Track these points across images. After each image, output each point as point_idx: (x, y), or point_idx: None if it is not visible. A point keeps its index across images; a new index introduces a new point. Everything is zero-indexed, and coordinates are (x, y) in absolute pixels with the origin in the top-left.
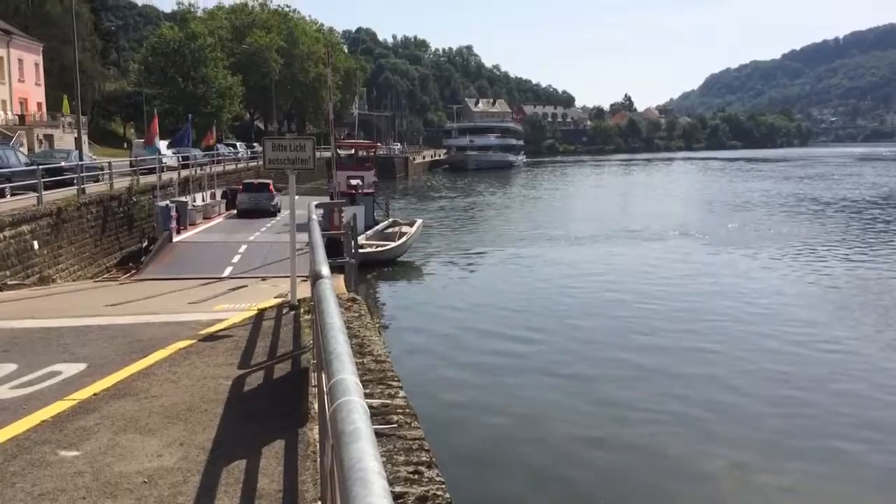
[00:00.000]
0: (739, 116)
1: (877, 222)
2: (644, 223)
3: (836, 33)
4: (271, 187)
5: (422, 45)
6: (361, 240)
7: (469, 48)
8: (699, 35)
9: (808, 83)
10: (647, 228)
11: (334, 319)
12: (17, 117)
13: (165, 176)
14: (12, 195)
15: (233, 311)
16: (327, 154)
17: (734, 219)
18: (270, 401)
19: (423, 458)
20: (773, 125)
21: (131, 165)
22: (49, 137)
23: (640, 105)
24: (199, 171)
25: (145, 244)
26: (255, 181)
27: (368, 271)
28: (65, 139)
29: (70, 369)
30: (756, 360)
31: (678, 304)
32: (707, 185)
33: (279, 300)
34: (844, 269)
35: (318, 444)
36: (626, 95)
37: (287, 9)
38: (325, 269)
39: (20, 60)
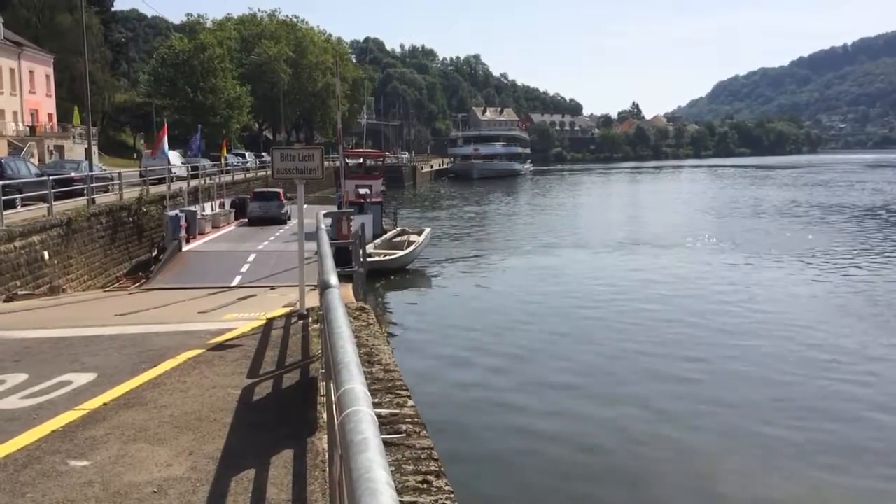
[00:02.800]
0: (748, 123)
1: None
2: (658, 231)
3: (845, 40)
4: (281, 196)
5: (429, 54)
6: (370, 248)
7: (476, 57)
8: (707, 42)
9: (817, 90)
10: (662, 237)
11: (343, 329)
12: (28, 128)
13: (175, 186)
14: (23, 206)
15: (242, 320)
16: (336, 163)
17: (754, 226)
18: (279, 410)
19: (432, 468)
20: (782, 132)
21: (141, 175)
22: (59, 148)
23: (648, 113)
24: (208, 181)
25: (155, 253)
26: (266, 190)
27: (377, 280)
28: (75, 150)
29: (80, 379)
30: (776, 374)
31: (697, 318)
32: (720, 193)
33: (288, 309)
34: (869, 276)
35: (326, 454)
36: (633, 103)
37: (295, 19)
38: (333, 279)
39: (31, 72)
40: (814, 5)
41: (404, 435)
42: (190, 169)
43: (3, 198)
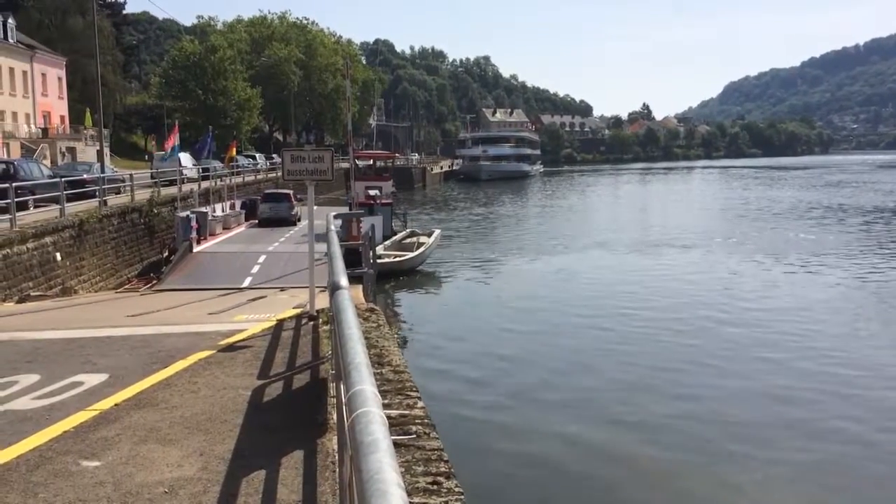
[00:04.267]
0: (759, 124)
1: None
2: (672, 233)
3: (857, 40)
4: (292, 197)
5: (439, 55)
6: (379, 250)
7: (486, 58)
8: (718, 43)
9: (829, 90)
10: (676, 238)
11: (353, 330)
12: (40, 130)
13: (186, 187)
14: (35, 207)
15: (252, 321)
16: (346, 165)
17: (771, 228)
18: (289, 411)
19: (442, 469)
20: (794, 133)
21: (152, 177)
22: (72, 150)
23: (659, 114)
24: (219, 183)
25: (166, 255)
26: (276, 191)
27: (386, 281)
28: (87, 152)
29: (92, 380)
30: (793, 386)
31: (714, 323)
32: (735, 194)
33: (298, 311)
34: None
35: (336, 455)
36: (644, 104)
37: (305, 21)
38: (343, 280)
39: (43, 74)
40: (825, 6)
41: (414, 436)
42: (201, 170)
43: (16, 199)
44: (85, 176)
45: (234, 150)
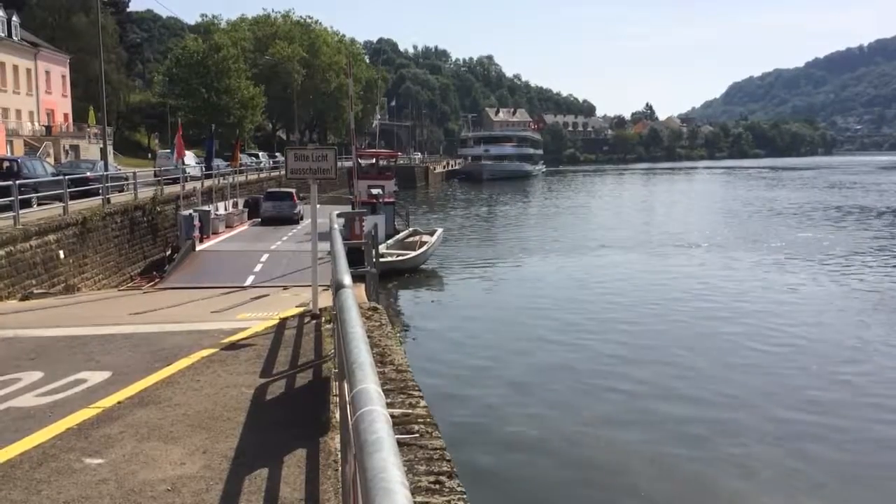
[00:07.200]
0: (762, 125)
1: None
2: (676, 233)
3: (861, 41)
4: (294, 196)
5: (442, 55)
6: (382, 249)
7: (490, 58)
8: (721, 44)
9: (833, 91)
10: (680, 238)
11: (356, 329)
12: (44, 128)
13: (189, 186)
14: (39, 205)
15: (255, 320)
16: (348, 164)
17: (781, 228)
18: (292, 410)
19: (445, 468)
20: (797, 134)
21: (155, 175)
22: (75, 148)
23: (662, 114)
24: (221, 181)
25: (169, 253)
26: (279, 190)
27: (389, 280)
28: (90, 150)
29: (95, 377)
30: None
31: (720, 324)
32: (741, 195)
33: (301, 309)
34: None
35: (339, 454)
36: (647, 104)
37: (309, 20)
38: (346, 279)
39: (47, 72)
40: (830, 6)
41: (417, 435)
42: (204, 169)
43: (20, 197)
44: (88, 174)
45: (238, 150)
